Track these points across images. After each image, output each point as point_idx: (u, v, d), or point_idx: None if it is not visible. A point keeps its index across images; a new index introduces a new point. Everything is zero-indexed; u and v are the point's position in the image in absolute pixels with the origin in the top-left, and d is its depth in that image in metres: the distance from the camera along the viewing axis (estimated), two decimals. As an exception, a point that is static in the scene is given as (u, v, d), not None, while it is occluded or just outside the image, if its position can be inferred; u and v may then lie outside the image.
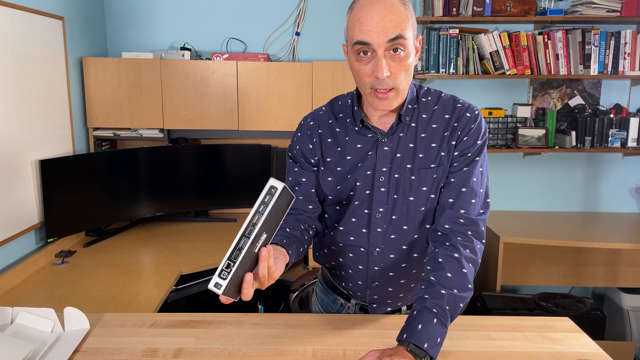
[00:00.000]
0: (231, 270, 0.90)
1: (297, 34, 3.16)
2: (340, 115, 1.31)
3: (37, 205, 2.38)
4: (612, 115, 3.13)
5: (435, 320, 1.08)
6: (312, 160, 1.32)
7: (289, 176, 1.36)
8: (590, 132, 3.13)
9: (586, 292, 3.43)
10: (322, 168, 1.31)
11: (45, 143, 2.45)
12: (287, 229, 1.23)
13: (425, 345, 1.05)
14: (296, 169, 1.34)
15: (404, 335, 1.08)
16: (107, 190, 2.74)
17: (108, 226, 2.86)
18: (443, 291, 1.11)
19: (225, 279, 0.89)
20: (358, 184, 1.27)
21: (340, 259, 1.38)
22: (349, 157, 1.28)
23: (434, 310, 1.09)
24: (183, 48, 3.00)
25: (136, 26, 3.12)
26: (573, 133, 3.13)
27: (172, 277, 2.24)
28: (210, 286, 0.90)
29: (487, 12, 2.95)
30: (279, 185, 0.92)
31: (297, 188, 1.32)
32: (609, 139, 3.13)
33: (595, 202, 3.38)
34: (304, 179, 1.32)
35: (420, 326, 1.07)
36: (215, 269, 0.91)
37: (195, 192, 3.07)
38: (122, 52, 2.94)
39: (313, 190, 1.32)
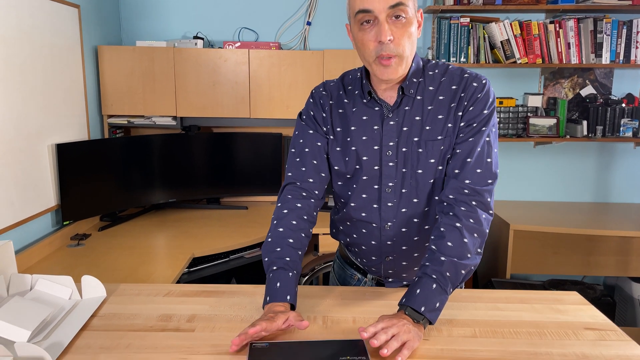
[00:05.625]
0: None
1: (309, 23, 3.19)
2: (349, 87, 1.33)
3: (53, 188, 2.43)
4: (623, 105, 3.12)
5: (434, 286, 1.11)
6: (325, 129, 1.32)
7: (299, 138, 1.34)
8: (601, 121, 3.12)
9: (597, 282, 3.41)
10: (331, 137, 1.32)
11: (61, 129, 2.50)
12: (300, 252, 1.24)
13: (423, 309, 1.09)
14: (311, 132, 1.32)
15: (403, 300, 1.12)
16: (121, 176, 2.79)
17: (122, 212, 2.91)
18: (443, 258, 1.13)
19: None
20: (365, 158, 1.28)
21: (354, 235, 1.39)
22: (353, 128, 1.29)
23: (434, 276, 1.12)
24: (196, 37, 3.04)
25: (150, 16, 3.17)
26: (584, 122, 3.13)
27: (185, 259, 2.28)
28: None
29: (498, 1, 2.95)
30: None
31: (307, 150, 1.31)
32: (621, 128, 3.12)
33: (606, 192, 3.37)
34: (319, 143, 1.31)
35: (418, 291, 1.11)
36: (228, 252, 0.94)
37: (207, 180, 3.11)
38: (137, 40, 2.98)
39: (325, 156, 1.32)
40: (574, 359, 1.05)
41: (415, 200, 1.29)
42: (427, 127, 1.24)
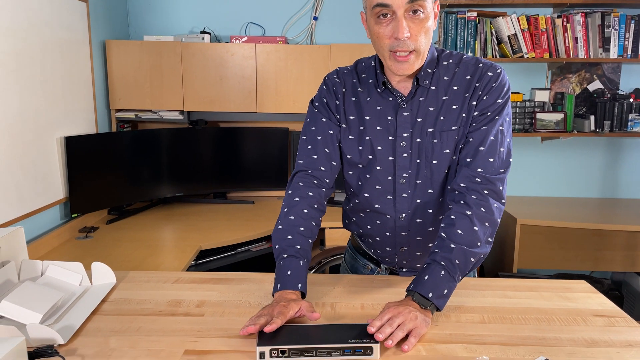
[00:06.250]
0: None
1: (315, 18, 3.19)
2: (363, 75, 1.31)
3: (62, 181, 2.44)
4: (631, 100, 3.11)
5: (442, 273, 1.11)
6: (337, 116, 1.31)
7: (311, 125, 1.33)
8: (609, 116, 3.10)
9: (604, 277, 3.39)
10: (344, 125, 1.31)
11: (70, 123, 2.51)
12: (310, 240, 1.24)
13: (430, 295, 1.09)
14: (323, 119, 1.31)
15: (411, 286, 1.12)
16: (128, 170, 2.80)
17: (129, 205, 2.92)
18: (452, 245, 1.13)
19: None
20: (379, 148, 1.27)
21: (368, 226, 1.39)
22: (367, 117, 1.28)
23: (442, 263, 1.12)
24: (203, 32, 3.05)
25: (157, 10, 3.18)
26: (592, 117, 3.11)
27: (192, 251, 2.29)
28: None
29: (505, -5, 2.94)
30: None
31: (319, 138, 1.31)
32: (629, 123, 3.10)
33: (614, 187, 3.36)
34: (331, 131, 1.31)
35: (427, 277, 1.11)
36: (235, 245, 0.94)
37: (213, 174, 3.12)
38: (144, 35, 3.00)
39: (337, 145, 1.32)
40: (583, 344, 1.05)
41: (429, 190, 1.28)
42: (442, 118, 1.23)
